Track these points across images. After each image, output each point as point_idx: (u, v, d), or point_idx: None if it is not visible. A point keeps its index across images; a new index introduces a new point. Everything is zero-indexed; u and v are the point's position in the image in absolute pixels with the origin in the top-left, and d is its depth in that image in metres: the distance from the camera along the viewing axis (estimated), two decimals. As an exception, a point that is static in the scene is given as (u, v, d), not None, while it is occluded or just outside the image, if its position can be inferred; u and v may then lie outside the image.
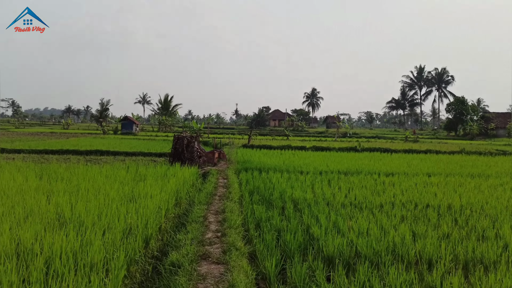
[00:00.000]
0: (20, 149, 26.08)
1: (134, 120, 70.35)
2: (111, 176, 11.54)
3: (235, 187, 10.68)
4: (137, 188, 9.45)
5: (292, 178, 13.36)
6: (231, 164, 18.13)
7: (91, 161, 21.64)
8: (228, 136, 51.81)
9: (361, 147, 29.85)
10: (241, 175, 13.82)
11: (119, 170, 12.67)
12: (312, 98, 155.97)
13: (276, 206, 8.57)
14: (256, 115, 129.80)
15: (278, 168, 15.99)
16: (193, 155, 17.94)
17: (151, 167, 13.50)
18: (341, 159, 21.32)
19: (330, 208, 8.80)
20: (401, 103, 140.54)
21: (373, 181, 13.46)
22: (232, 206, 8.11)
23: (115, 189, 9.00)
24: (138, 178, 11.71)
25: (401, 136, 72.24)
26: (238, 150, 28.13)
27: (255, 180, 12.28)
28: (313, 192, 10.69)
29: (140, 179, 11.49)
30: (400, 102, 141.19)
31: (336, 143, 38.03)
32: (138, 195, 8.69)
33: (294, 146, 30.46)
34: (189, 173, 12.32)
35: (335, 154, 24.95)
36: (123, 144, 34.12)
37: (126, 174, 12.00)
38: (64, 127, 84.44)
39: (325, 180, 13.33)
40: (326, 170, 15.97)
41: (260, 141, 39.87)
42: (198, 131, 47.04)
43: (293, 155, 23.65)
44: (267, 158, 20.37)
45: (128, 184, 10.16)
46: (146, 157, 25.30)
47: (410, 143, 49.80)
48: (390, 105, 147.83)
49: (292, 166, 16.97)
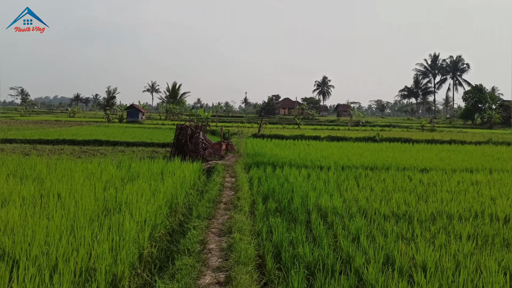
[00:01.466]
0: (13, 138, 24.40)
1: (140, 108, 68.51)
2: (96, 174, 9.60)
3: (245, 189, 8.67)
4: (123, 192, 7.49)
5: (312, 175, 11.30)
6: (240, 157, 16.10)
7: (86, 153, 19.85)
8: (237, 125, 49.74)
9: (380, 137, 27.61)
10: (252, 171, 11.79)
11: (108, 166, 10.73)
12: (323, 87, 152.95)
13: (299, 219, 6.53)
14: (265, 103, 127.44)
15: (294, 163, 13.93)
16: (197, 146, 15.94)
17: (146, 163, 11.53)
18: (361, 150, 19.17)
19: (370, 223, 6.73)
20: (414, 91, 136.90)
21: (408, 179, 11.34)
22: (241, 220, 6.08)
23: (94, 195, 7.05)
24: (129, 176, 9.77)
25: (416, 124, 69.53)
26: (248, 140, 26.09)
27: (268, 178, 10.25)
28: (341, 196, 8.62)
29: (130, 178, 9.54)
30: (413, 91, 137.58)
31: (351, 132, 35.77)
32: (121, 203, 6.72)
33: (307, 136, 28.32)
34: (190, 170, 10.33)
35: (353, 145, 22.78)
36: (126, 133, 32.32)
37: (115, 172, 10.06)
38: (70, 115, 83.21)
39: (351, 178, 11.25)
40: (349, 165, 13.87)
41: (271, 130, 37.76)
42: (205, 119, 44.94)
43: (308, 146, 21.54)
44: (280, 150, 18.30)
45: (113, 186, 8.21)
46: (148, 148, 23.46)
47: (427, 132, 47.34)
48: (402, 93, 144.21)
49: (309, 159, 14.89)
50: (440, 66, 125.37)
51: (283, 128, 48.05)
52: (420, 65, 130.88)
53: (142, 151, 21.26)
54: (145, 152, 21.08)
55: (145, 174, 9.73)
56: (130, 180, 9.20)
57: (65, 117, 73.13)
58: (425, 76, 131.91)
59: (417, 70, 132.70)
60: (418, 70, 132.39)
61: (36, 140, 24.39)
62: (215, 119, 60.20)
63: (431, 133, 40.52)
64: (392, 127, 58.83)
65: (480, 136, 34.51)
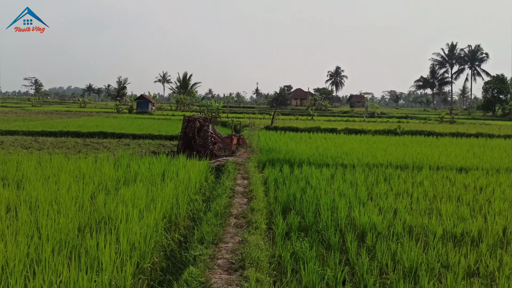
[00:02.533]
0: (15, 130, 23.42)
1: (150, 99, 67.38)
2: (87, 176, 8.28)
3: (260, 195, 7.23)
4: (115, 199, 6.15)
5: (337, 176, 9.81)
6: (252, 153, 14.67)
7: (89, 146, 18.69)
8: (248, 116, 48.26)
9: (401, 130, 25.89)
10: (267, 171, 10.35)
11: (103, 165, 9.40)
12: (336, 77, 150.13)
13: (331, 243, 5.07)
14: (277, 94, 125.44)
15: (312, 160, 12.44)
16: (206, 141, 14.55)
17: (146, 161, 10.18)
18: (384, 145, 17.58)
19: (425, 249, 5.20)
20: (430, 81, 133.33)
21: (449, 182, 9.78)
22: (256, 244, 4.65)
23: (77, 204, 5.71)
24: (126, 177, 8.43)
25: (434, 116, 67.16)
26: (260, 132, 24.64)
27: (286, 181, 8.79)
28: (376, 206, 7.13)
29: (127, 180, 8.19)
30: (428, 81, 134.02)
31: (369, 124, 34.01)
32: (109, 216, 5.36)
33: (323, 128, 26.75)
34: (196, 170, 8.93)
35: (374, 139, 21.17)
36: (134, 124, 31.20)
37: (111, 172, 8.73)
38: (81, 105, 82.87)
39: (382, 180, 9.74)
40: (375, 163, 12.34)
41: (284, 122, 36.22)
42: (216, 110, 43.50)
43: (325, 140, 20.02)
44: (295, 144, 16.82)
45: (105, 191, 6.88)
46: (155, 141, 22.24)
47: (447, 124, 45.26)
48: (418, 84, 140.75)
49: (329, 156, 13.40)
50: (457, 55, 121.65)
51: (296, 119, 46.43)
52: (437, 54, 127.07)
53: (148, 144, 20.01)
54: (151, 145, 19.83)
55: (144, 175, 8.38)
56: (126, 183, 7.86)
57: (76, 108, 72.75)
58: (442, 66, 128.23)
59: (434, 60, 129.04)
60: (434, 60, 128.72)
61: (39, 132, 23.37)
62: (226, 110, 58.79)
63: (453, 126, 38.55)
64: (410, 118, 56.69)
65: (506, 129, 32.51)
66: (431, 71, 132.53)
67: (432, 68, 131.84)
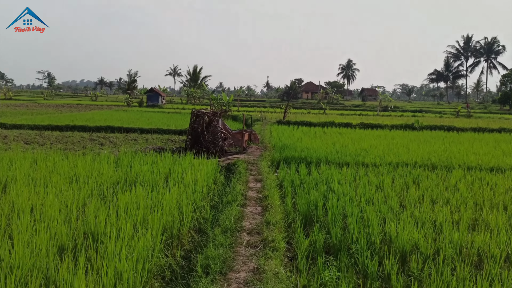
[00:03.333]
0: (21, 124, 22.85)
1: (160, 92, 66.73)
2: (83, 177, 7.43)
3: (276, 203, 6.26)
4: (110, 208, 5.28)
5: (360, 178, 8.82)
6: (265, 150, 13.73)
7: (94, 141, 17.95)
8: (259, 110, 47.25)
9: (420, 125, 24.68)
10: (282, 171, 9.39)
11: (103, 164, 8.57)
12: (348, 70, 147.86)
13: (368, 270, 4.12)
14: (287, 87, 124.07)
15: (331, 158, 11.46)
16: (216, 137, 13.65)
17: (149, 159, 9.31)
18: (404, 141, 16.49)
19: (488, 279, 4.20)
20: (444, 74, 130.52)
21: (487, 186, 8.70)
22: (275, 272, 3.72)
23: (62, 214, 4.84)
24: (126, 178, 7.58)
25: (449, 110, 65.33)
26: (272, 127, 23.69)
27: (305, 184, 7.82)
28: (412, 216, 6.11)
29: (126, 183, 7.34)
30: (443, 74, 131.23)
31: (385, 119, 32.74)
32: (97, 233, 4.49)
33: (338, 123, 25.66)
34: (204, 171, 8.01)
35: (392, 134, 20.06)
36: (143, 118, 30.50)
37: (110, 172, 7.88)
38: (92, 98, 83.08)
39: (410, 182, 8.71)
40: (398, 162, 11.31)
41: (296, 115, 35.14)
42: (226, 104, 42.56)
43: (341, 135, 18.98)
44: (310, 140, 15.84)
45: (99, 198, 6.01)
46: (163, 135, 21.45)
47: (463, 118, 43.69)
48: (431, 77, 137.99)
49: (348, 153, 12.41)
50: (473, 48, 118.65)
51: (308, 113, 45.29)
52: (451, 47, 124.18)
53: (156, 139, 19.21)
54: (159, 140, 19.04)
55: (146, 177, 7.50)
56: (125, 187, 7.00)
57: (87, 101, 72.69)
58: (456, 59, 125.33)
59: (448, 53, 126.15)
60: (449, 53, 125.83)
61: (46, 126, 22.76)
62: (236, 104, 57.86)
63: (472, 120, 37.09)
64: (424, 112, 55.11)
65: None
66: (445, 64, 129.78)
67: (446, 61, 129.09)
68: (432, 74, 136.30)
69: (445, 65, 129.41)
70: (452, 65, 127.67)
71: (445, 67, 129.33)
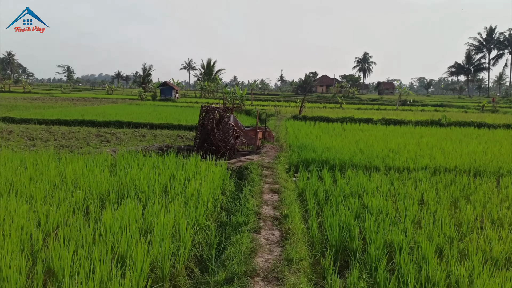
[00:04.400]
0: (29, 118, 22.14)
1: (174, 86, 65.88)
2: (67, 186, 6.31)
3: (298, 226, 4.76)
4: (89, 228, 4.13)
5: (396, 188, 7.48)
6: (281, 150, 12.45)
7: (101, 137, 17.03)
8: (273, 104, 45.89)
9: (447, 121, 23.04)
10: (301, 178, 8.06)
11: (97, 168, 7.45)
12: (364, 63, 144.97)
13: None
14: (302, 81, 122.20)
15: (356, 160, 10.13)
16: (227, 135, 12.46)
17: (151, 161, 8.15)
18: (434, 140, 15.02)
19: None
20: (465, 68, 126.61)
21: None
22: None
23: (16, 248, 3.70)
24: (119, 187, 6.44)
25: (471, 104, 62.76)
26: (288, 123, 22.38)
27: (331, 197, 6.44)
28: (482, 252, 4.69)
29: (118, 193, 6.19)
30: (463, 67, 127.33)
31: (407, 114, 31.01)
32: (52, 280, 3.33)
33: (357, 119, 24.19)
34: (211, 179, 6.78)
35: (419, 132, 18.57)
36: (155, 112, 29.60)
37: (102, 179, 6.75)
38: (108, 92, 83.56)
39: (458, 195, 7.32)
40: (436, 166, 9.91)
41: (312, 110, 33.69)
42: (240, 98, 41.31)
43: (363, 132, 17.58)
44: (330, 138, 14.50)
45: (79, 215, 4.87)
46: (173, 131, 20.44)
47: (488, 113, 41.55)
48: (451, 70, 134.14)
49: (374, 154, 11.07)
50: (496, 40, 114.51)
51: (323, 107, 43.77)
52: (473, 39, 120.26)
53: (165, 136, 18.17)
54: (168, 136, 17.98)
55: (143, 186, 6.34)
56: (114, 201, 5.84)
57: (102, 94, 72.84)
58: (478, 51, 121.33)
59: (470, 45, 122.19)
60: (471, 45, 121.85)
61: (54, 120, 22.04)
62: (250, 98, 56.61)
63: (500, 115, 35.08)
64: (447, 107, 52.89)
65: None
66: (466, 57, 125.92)
67: (467, 53, 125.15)
68: (452, 67, 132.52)
69: (466, 57, 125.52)
70: (474, 57, 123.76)
71: (466, 60, 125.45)
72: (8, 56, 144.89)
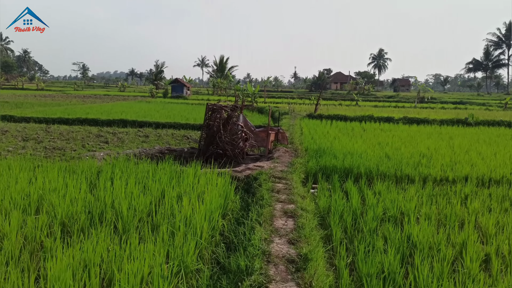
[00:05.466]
0: (30, 117, 21.15)
1: (185, 83, 64.78)
2: (32, 203, 5.03)
3: (322, 274, 3.57)
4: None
5: (441, 208, 6.02)
6: (295, 154, 11.01)
7: (101, 137, 15.94)
8: (287, 101, 44.37)
9: (475, 120, 21.28)
10: (321, 193, 6.66)
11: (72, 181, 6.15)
12: (379, 60, 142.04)
13: None
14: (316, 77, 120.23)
15: (384, 168, 8.65)
16: (235, 137, 11.09)
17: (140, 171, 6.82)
18: (466, 142, 13.41)
19: None
20: (484, 64, 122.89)
21: None
22: None
23: None
24: (92, 209, 5.12)
25: (492, 101, 60.19)
26: (302, 122, 20.92)
27: (363, 225, 5.01)
28: None
29: (90, 218, 4.88)
30: (481, 63, 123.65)
31: (430, 112, 29.15)
32: None
33: (377, 117, 22.57)
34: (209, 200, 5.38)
35: (447, 132, 16.93)
36: (164, 110, 28.48)
37: (74, 196, 5.44)
38: (120, 89, 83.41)
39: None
40: (479, 176, 8.37)
41: (328, 108, 32.10)
42: (252, 95, 39.88)
43: (384, 133, 16.04)
44: (350, 140, 13.04)
45: (13, 266, 3.56)
46: (180, 131, 19.20)
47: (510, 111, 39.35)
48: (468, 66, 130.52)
49: (404, 161, 9.56)
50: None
51: (339, 105, 42.03)
52: (492, 34, 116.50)
53: (170, 136, 16.91)
54: (173, 137, 16.72)
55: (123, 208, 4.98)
56: (84, 228, 4.52)
57: (114, 92, 72.31)
58: (497, 47, 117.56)
59: (488, 41, 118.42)
60: (489, 41, 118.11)
61: (56, 119, 21.02)
62: (263, 95, 55.16)
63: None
64: (468, 104, 50.66)
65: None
66: (484, 53, 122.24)
67: (486, 49, 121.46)
68: (470, 63, 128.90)
69: (484, 53, 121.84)
70: (493, 53, 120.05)
71: (485, 56, 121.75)
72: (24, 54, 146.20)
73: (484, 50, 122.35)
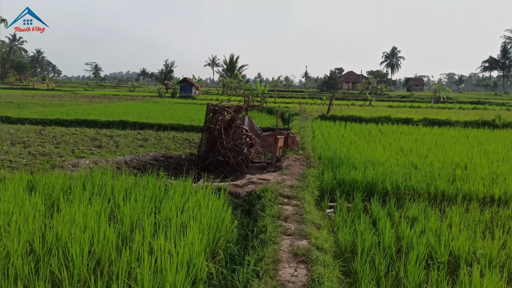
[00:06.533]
0: (27, 118, 20.12)
1: (194, 82, 63.69)
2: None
3: None
4: None
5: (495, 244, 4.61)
6: (307, 162, 9.60)
7: (97, 140, 14.89)
8: (298, 101, 42.90)
9: (502, 122, 19.58)
10: (341, 220, 5.25)
11: (29, 202, 4.87)
12: (392, 58, 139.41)
13: None
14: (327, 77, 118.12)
15: (414, 183, 7.20)
16: (238, 142, 9.72)
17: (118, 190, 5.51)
18: (503, 148, 11.88)
19: None
20: (501, 62, 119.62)
21: None
22: None
23: None
24: (21, 257, 3.81)
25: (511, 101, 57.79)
26: (314, 124, 19.48)
27: (400, 273, 3.68)
28: None
29: (29, 268, 3.55)
30: (498, 62, 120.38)
31: (449, 113, 27.39)
32: None
33: (395, 119, 21.00)
34: (197, 231, 3.96)
35: (476, 136, 15.37)
36: (170, 110, 27.37)
37: (23, 225, 4.14)
38: (130, 89, 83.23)
39: None
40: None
41: (340, 108, 30.53)
42: (262, 95, 38.45)
43: (405, 136, 14.54)
44: (367, 146, 11.60)
45: None
46: (183, 133, 18.00)
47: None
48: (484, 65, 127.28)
49: (436, 172, 8.10)
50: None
51: (352, 105, 40.37)
52: (510, 31, 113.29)
53: (172, 140, 15.66)
54: (174, 140, 15.47)
55: (74, 249, 3.67)
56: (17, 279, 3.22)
57: (124, 92, 71.85)
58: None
59: (506, 38, 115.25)
60: (507, 38, 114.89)
61: (53, 120, 20.02)
62: (273, 95, 53.72)
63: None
64: (487, 104, 48.56)
65: None
66: (502, 50, 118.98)
67: (503, 47, 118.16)
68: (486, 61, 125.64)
69: (502, 51, 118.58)
70: (510, 51, 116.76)
71: (502, 54, 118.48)
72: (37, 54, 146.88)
73: (502, 48, 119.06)
